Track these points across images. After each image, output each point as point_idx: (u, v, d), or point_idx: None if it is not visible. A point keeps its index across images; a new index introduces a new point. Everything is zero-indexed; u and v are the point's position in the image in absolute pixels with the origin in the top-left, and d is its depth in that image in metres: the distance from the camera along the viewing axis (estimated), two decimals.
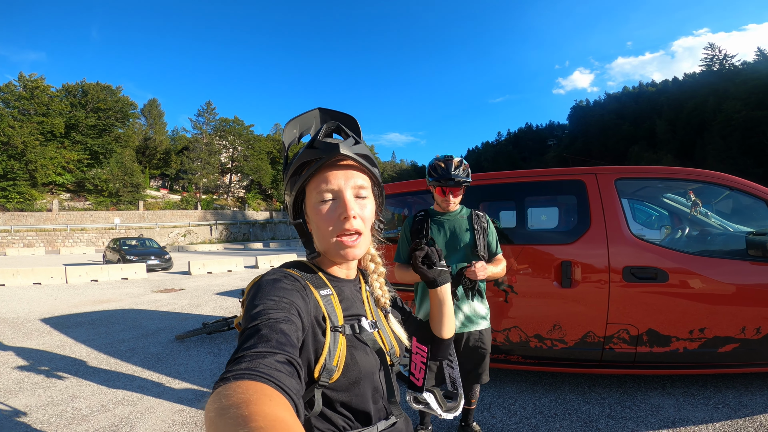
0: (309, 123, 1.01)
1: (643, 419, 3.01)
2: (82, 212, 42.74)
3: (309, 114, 1.01)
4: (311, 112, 1.01)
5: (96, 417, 3.41)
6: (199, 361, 4.82)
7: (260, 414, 0.47)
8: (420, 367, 1.07)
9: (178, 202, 54.61)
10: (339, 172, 0.89)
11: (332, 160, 0.88)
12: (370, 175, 0.94)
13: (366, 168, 0.92)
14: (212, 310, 8.12)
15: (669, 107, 60.84)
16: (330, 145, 0.87)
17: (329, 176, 0.88)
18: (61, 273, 13.00)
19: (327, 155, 0.86)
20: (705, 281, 3.10)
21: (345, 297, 0.95)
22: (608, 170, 3.46)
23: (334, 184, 0.88)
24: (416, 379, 1.07)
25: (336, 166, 0.89)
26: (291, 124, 0.98)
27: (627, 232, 3.27)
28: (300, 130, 1.00)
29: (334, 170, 0.89)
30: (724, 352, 3.08)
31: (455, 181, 2.36)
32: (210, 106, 64.73)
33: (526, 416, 3.16)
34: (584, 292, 3.27)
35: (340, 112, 1.02)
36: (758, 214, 3.47)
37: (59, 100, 50.05)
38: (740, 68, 53.04)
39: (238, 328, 0.76)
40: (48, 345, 5.65)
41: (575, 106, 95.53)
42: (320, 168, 0.88)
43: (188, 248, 37.37)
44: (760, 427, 2.80)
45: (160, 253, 17.82)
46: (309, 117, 1.01)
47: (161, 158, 65.80)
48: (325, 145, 0.87)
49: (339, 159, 0.88)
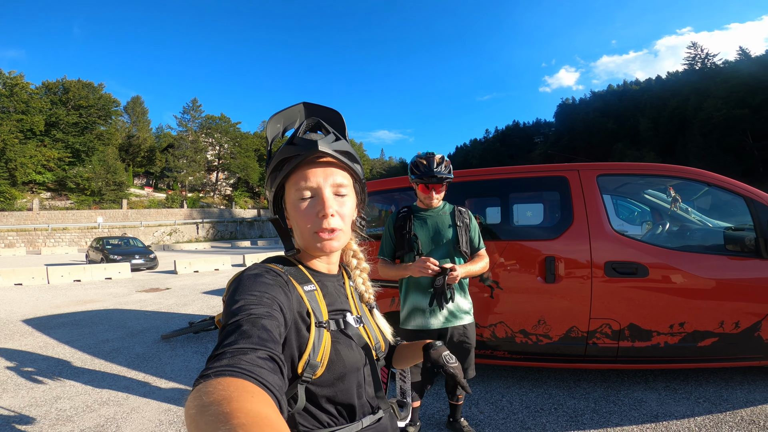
0: (293, 117, 1.01)
1: (626, 413, 3.06)
2: (63, 211, 41.85)
3: (293, 108, 1.01)
4: (296, 106, 1.01)
5: (81, 417, 3.36)
6: (186, 361, 4.78)
7: (242, 411, 0.46)
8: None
9: (164, 201, 53.76)
10: (318, 169, 0.88)
11: (311, 156, 0.87)
12: (350, 172, 0.94)
13: (346, 165, 0.92)
14: (199, 309, 8.04)
15: (652, 105, 61.83)
16: (309, 141, 0.86)
17: (308, 173, 0.87)
18: (43, 273, 12.74)
19: (306, 152, 0.86)
20: (684, 276, 3.17)
21: (328, 292, 0.95)
22: (590, 167, 3.51)
23: (312, 182, 0.87)
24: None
25: (315, 163, 0.88)
26: (275, 118, 0.98)
27: (608, 227, 3.33)
28: (284, 124, 0.99)
29: (313, 167, 0.88)
30: (704, 346, 3.14)
31: (437, 177, 2.40)
32: (196, 103, 63.87)
33: (513, 411, 3.20)
34: (568, 287, 3.32)
35: (325, 107, 1.01)
36: (736, 210, 3.55)
37: (39, 97, 48.78)
38: (721, 67, 54.15)
39: (219, 324, 0.75)
40: (30, 346, 5.55)
41: (561, 104, 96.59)
42: (299, 165, 0.87)
43: (174, 247, 36.92)
44: (741, 421, 2.86)
45: (144, 252, 17.60)
46: (293, 111, 1.00)
47: (145, 156, 64.78)
48: (305, 141, 0.87)
49: (318, 156, 0.87)
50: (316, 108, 1.01)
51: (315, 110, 1.01)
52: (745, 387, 3.38)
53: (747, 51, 52.61)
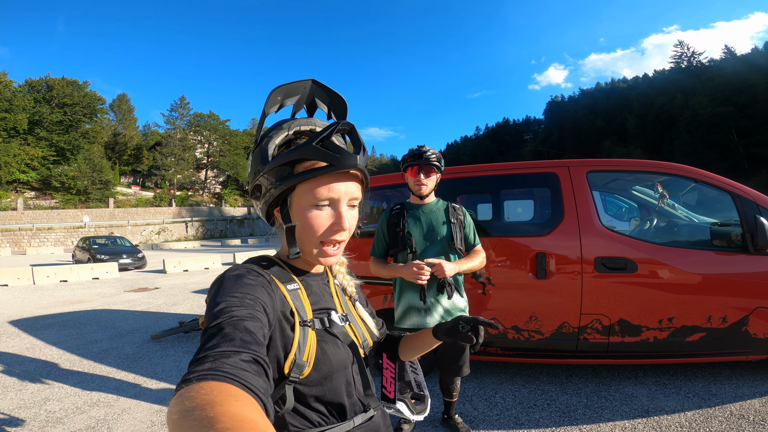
0: (296, 92, 0.93)
1: (618, 408, 3.09)
2: (48, 211, 41.21)
3: (300, 83, 0.93)
4: (303, 81, 0.93)
5: (71, 419, 3.31)
6: (177, 361, 4.73)
7: (226, 415, 0.45)
8: (390, 381, 1.10)
9: (151, 199, 53.21)
10: (343, 183, 0.85)
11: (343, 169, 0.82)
12: (364, 186, 0.92)
13: (365, 179, 0.90)
14: (189, 309, 7.96)
15: (639, 103, 62.53)
16: (347, 154, 0.82)
17: (333, 185, 0.84)
18: (29, 274, 12.51)
19: (340, 165, 0.81)
20: (672, 271, 3.20)
21: (313, 291, 0.94)
22: (580, 163, 3.54)
23: (335, 193, 0.84)
24: (388, 392, 1.09)
25: (343, 174, 0.85)
26: (277, 90, 0.90)
27: (598, 223, 3.36)
28: (285, 98, 0.92)
29: (338, 180, 0.84)
30: (692, 341, 3.18)
31: (425, 158, 2.42)
32: (184, 101, 63.21)
33: (506, 407, 3.22)
34: (559, 282, 3.35)
35: (333, 91, 0.95)
36: (722, 206, 3.59)
37: (22, 95, 47.89)
38: (707, 66, 54.96)
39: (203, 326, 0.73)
40: (17, 348, 5.45)
41: (551, 102, 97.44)
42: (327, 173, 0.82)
43: (163, 246, 36.52)
44: (730, 416, 2.89)
45: (132, 252, 17.38)
46: (298, 86, 0.93)
47: (132, 154, 64.02)
48: (342, 152, 0.81)
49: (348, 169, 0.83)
50: (324, 90, 0.95)
51: (322, 91, 0.95)
52: (734, 382, 3.43)
53: (732, 49, 53.49)
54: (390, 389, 1.09)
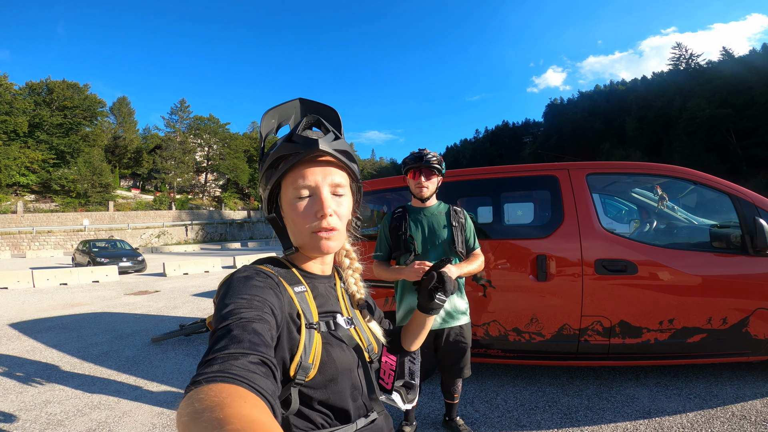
0: (288, 114, 0.98)
1: (619, 410, 3.10)
2: (48, 214, 41.16)
3: (289, 104, 0.98)
4: (291, 102, 0.99)
5: (72, 422, 3.31)
6: (178, 363, 4.74)
7: (236, 416, 0.46)
8: (389, 373, 1.11)
9: (151, 203, 53.16)
10: (317, 168, 0.87)
11: (311, 155, 0.85)
12: (348, 171, 0.93)
13: (344, 164, 0.91)
14: (189, 312, 7.96)
15: (638, 105, 62.76)
16: (309, 140, 0.85)
17: (306, 172, 0.86)
18: (28, 277, 12.50)
19: (305, 150, 0.84)
20: (672, 273, 3.21)
21: (319, 294, 0.94)
22: (580, 166, 3.55)
23: (311, 180, 0.86)
24: (385, 383, 1.11)
25: (314, 161, 0.87)
26: (270, 113, 0.95)
27: (598, 225, 3.37)
28: (279, 120, 0.97)
29: (311, 166, 0.87)
30: (693, 342, 3.19)
31: (426, 161, 2.45)
32: (184, 104, 63.09)
33: (507, 409, 3.23)
34: (559, 285, 3.35)
35: (322, 104, 0.99)
36: (721, 208, 3.61)
37: (22, 98, 47.85)
38: (705, 68, 55.19)
39: (210, 327, 0.73)
40: (17, 350, 5.45)
41: (550, 104, 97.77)
42: (298, 163, 0.86)
43: (163, 249, 36.49)
44: (732, 417, 2.89)
45: (132, 255, 17.37)
46: (289, 107, 0.98)
47: (132, 157, 63.89)
48: (304, 139, 0.85)
49: (317, 155, 0.86)
50: (312, 104, 0.99)
51: (311, 107, 0.99)
52: (735, 383, 3.43)
53: (730, 51, 53.73)
54: (388, 381, 1.10)
